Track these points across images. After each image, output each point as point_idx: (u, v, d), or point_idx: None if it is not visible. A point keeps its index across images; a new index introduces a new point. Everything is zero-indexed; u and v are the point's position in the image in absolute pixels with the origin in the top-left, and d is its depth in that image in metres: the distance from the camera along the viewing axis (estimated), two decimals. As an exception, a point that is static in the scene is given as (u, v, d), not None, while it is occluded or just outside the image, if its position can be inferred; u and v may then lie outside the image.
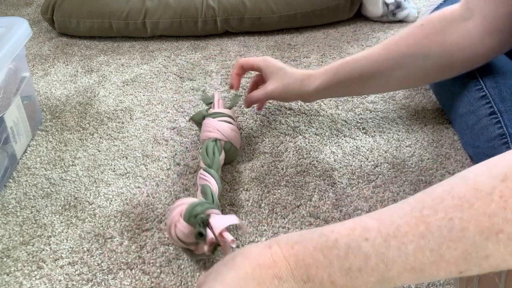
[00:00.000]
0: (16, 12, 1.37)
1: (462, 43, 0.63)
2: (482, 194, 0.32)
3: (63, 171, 0.76)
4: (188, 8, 1.12)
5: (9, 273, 0.60)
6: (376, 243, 0.34)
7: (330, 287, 0.35)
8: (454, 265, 0.32)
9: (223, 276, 0.38)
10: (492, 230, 0.31)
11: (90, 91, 0.96)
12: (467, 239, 0.31)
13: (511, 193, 0.31)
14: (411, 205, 0.35)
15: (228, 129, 0.71)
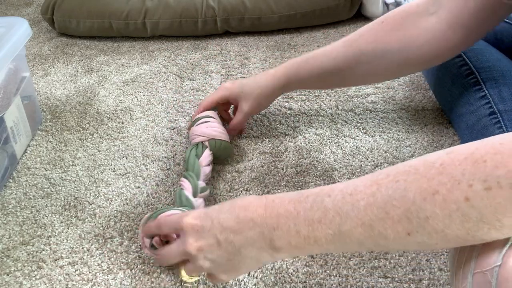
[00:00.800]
0: (16, 12, 1.37)
1: (422, 38, 0.62)
2: (427, 163, 0.37)
3: (63, 171, 0.76)
4: (188, 8, 1.12)
5: (9, 273, 0.60)
6: (336, 199, 0.39)
7: (295, 236, 0.41)
8: (399, 224, 0.36)
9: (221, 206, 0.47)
10: (428, 191, 0.35)
11: (90, 91, 0.96)
12: (408, 198, 0.36)
13: (451, 161, 0.35)
14: (372, 175, 0.40)
15: (205, 129, 0.71)
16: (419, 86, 0.90)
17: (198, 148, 0.70)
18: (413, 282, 0.55)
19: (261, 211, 0.43)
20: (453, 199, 0.34)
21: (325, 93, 0.90)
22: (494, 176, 0.33)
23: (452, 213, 0.34)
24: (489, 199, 0.33)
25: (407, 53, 0.64)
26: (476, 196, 0.34)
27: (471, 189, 0.34)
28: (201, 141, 0.71)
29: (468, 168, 0.34)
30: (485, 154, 0.34)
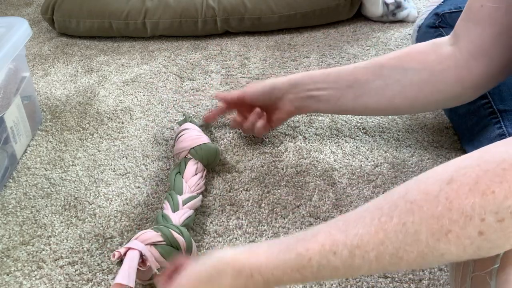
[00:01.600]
0: (16, 12, 1.37)
1: (445, 63, 0.61)
2: (430, 197, 0.35)
3: (63, 171, 0.76)
4: (188, 8, 1.12)
5: (9, 273, 0.60)
6: (343, 256, 0.37)
7: None
8: (415, 264, 0.36)
9: None
10: (441, 231, 0.34)
11: (90, 91, 0.96)
12: (421, 241, 0.34)
13: (455, 194, 0.34)
14: (371, 214, 0.37)
15: (181, 144, 0.71)
16: (419, 86, 0.90)
17: (181, 165, 0.70)
18: (413, 282, 0.55)
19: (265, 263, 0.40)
20: (467, 235, 0.34)
21: (325, 93, 0.90)
22: (505, 207, 0.33)
23: (467, 248, 0.34)
24: (502, 230, 0.33)
25: (429, 75, 0.62)
26: (489, 229, 0.33)
27: (484, 223, 0.33)
28: (184, 156, 0.71)
29: (477, 202, 0.33)
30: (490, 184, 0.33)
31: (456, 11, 0.82)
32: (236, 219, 0.65)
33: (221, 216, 0.66)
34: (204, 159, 0.70)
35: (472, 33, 0.59)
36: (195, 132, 0.73)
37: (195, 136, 0.72)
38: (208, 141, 0.72)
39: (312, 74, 0.70)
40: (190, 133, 0.73)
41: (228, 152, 0.77)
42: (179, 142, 0.72)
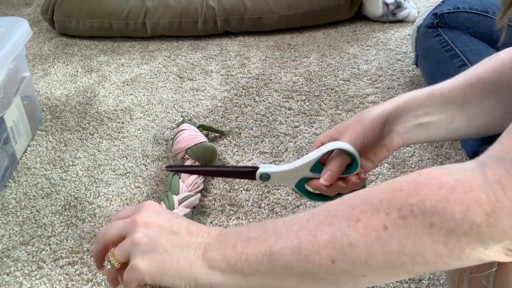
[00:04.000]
0: (16, 12, 1.37)
1: None
2: (356, 194, 0.39)
3: (63, 171, 0.76)
4: (188, 8, 1.12)
5: (9, 273, 0.60)
6: (277, 223, 0.41)
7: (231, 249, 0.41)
8: (325, 249, 0.37)
9: None
10: (352, 218, 0.37)
11: (90, 91, 0.96)
12: (335, 224, 0.37)
13: (374, 192, 0.37)
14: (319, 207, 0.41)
15: (178, 145, 0.72)
16: (419, 86, 0.90)
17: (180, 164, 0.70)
18: (413, 282, 0.55)
19: (220, 230, 0.44)
20: (373, 227, 0.35)
21: (325, 93, 0.90)
22: (407, 205, 0.34)
23: (373, 242, 0.35)
24: (406, 228, 0.34)
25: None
26: (393, 225, 0.34)
27: (388, 218, 0.35)
28: (181, 157, 0.71)
29: (386, 197, 0.35)
30: (403, 183, 0.35)
31: (455, 12, 0.82)
32: (236, 219, 0.65)
33: (221, 216, 0.66)
34: (201, 158, 0.70)
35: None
36: (191, 132, 0.73)
37: (191, 136, 0.72)
38: (204, 140, 0.72)
39: (417, 96, 0.57)
40: (186, 134, 0.73)
41: (228, 152, 0.77)
42: (176, 143, 0.72)
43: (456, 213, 0.32)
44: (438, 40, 0.82)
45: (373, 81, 0.93)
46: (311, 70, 0.98)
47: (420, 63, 0.90)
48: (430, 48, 0.83)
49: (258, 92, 0.92)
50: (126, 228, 0.45)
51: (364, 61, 1.00)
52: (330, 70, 0.97)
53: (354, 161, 0.52)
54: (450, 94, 0.58)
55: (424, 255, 0.34)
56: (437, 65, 0.81)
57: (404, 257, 0.34)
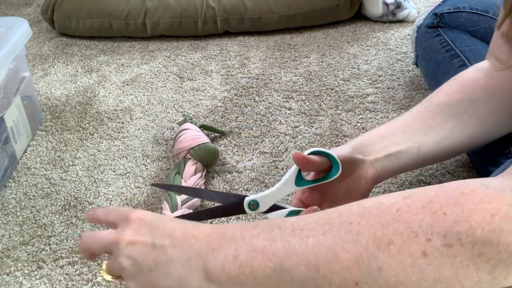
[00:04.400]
0: (16, 12, 1.37)
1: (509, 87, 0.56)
2: (382, 206, 0.34)
3: (63, 171, 0.76)
4: (188, 8, 1.12)
5: (9, 273, 0.60)
6: (285, 232, 0.36)
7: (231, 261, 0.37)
8: (348, 271, 0.33)
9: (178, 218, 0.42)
10: (383, 240, 0.32)
11: (90, 91, 0.96)
12: (361, 243, 0.33)
13: (407, 208, 0.33)
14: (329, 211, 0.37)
15: (180, 144, 0.71)
16: (419, 86, 0.90)
17: (180, 165, 0.70)
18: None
19: (209, 232, 0.40)
20: (409, 252, 0.32)
21: (325, 93, 0.90)
22: (455, 232, 0.31)
23: (408, 268, 0.32)
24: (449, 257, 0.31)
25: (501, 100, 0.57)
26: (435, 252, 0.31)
27: (430, 244, 0.31)
28: (183, 156, 0.71)
29: (426, 220, 0.32)
30: (445, 204, 0.32)
31: (455, 11, 0.82)
32: (236, 219, 0.65)
33: (221, 216, 0.66)
34: (204, 159, 0.70)
35: None
36: (194, 132, 0.73)
37: (194, 136, 0.72)
38: (207, 141, 0.72)
39: (379, 130, 0.59)
40: (189, 134, 0.73)
41: (228, 152, 0.77)
42: (178, 142, 0.72)
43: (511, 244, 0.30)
44: (438, 40, 0.82)
45: (373, 81, 0.93)
46: (311, 70, 0.98)
47: (420, 63, 0.90)
48: (430, 48, 0.83)
49: (258, 92, 0.92)
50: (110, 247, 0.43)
51: (364, 61, 1.00)
52: (330, 70, 0.97)
53: (334, 163, 0.52)
54: (412, 123, 0.58)
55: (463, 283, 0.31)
56: (437, 65, 0.81)
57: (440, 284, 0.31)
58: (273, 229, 0.37)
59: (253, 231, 0.38)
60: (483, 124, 0.58)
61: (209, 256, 0.38)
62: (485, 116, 0.58)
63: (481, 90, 0.57)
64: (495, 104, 0.57)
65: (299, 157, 0.51)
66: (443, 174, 0.70)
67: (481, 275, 0.31)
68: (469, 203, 0.31)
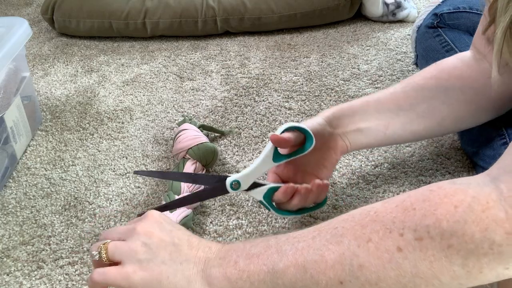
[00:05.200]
0: (16, 12, 1.37)
1: (482, 79, 0.58)
2: (364, 211, 0.37)
3: (63, 171, 0.76)
4: (188, 8, 1.12)
5: (9, 273, 0.60)
6: (280, 240, 0.40)
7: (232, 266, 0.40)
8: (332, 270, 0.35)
9: None
10: (362, 238, 0.35)
11: (90, 91, 0.96)
12: (343, 243, 0.36)
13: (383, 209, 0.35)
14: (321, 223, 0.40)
15: (179, 144, 0.71)
16: (419, 86, 0.90)
17: (179, 165, 0.70)
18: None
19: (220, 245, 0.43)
20: (386, 248, 0.34)
21: (325, 93, 0.90)
22: (424, 226, 0.32)
23: (386, 264, 0.33)
24: (422, 250, 0.32)
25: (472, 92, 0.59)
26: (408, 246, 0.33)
27: (403, 239, 0.33)
28: (182, 156, 0.71)
29: (398, 216, 0.34)
30: (415, 201, 0.34)
31: (455, 12, 0.82)
32: (236, 219, 0.65)
33: (221, 216, 0.66)
34: (203, 158, 0.70)
35: None
36: (193, 132, 0.73)
37: (193, 136, 0.72)
38: (206, 141, 0.72)
39: (352, 105, 0.61)
40: (188, 134, 0.73)
41: (228, 152, 0.77)
42: (177, 143, 0.72)
43: (475, 234, 0.31)
44: (438, 40, 0.82)
45: (373, 81, 0.93)
46: (311, 70, 0.98)
47: (420, 63, 0.90)
48: (430, 48, 0.83)
49: (258, 92, 0.92)
50: (127, 233, 0.44)
51: (364, 61, 1.00)
52: (330, 70, 0.97)
53: (308, 137, 0.55)
54: (385, 101, 0.60)
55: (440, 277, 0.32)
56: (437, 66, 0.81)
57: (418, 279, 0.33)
58: (269, 239, 0.41)
59: (254, 242, 0.41)
60: (453, 112, 0.60)
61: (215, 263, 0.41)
62: (456, 104, 0.59)
63: (456, 79, 0.59)
64: (467, 94, 0.59)
65: (276, 139, 0.53)
66: (443, 174, 0.70)
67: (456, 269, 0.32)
68: (436, 198, 0.33)
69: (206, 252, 0.42)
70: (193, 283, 0.40)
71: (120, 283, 0.41)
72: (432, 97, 0.59)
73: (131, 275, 0.40)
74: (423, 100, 0.59)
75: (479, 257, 0.31)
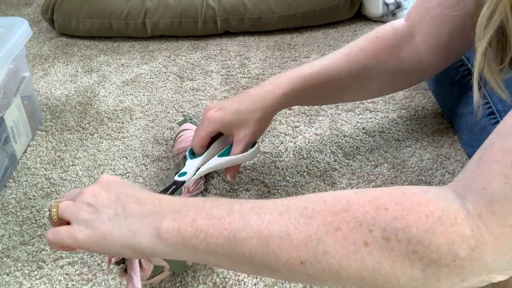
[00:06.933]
0: (16, 12, 1.37)
1: (414, 58, 0.63)
2: (336, 198, 0.37)
3: (63, 171, 0.76)
4: (188, 8, 1.12)
5: (9, 273, 0.60)
6: (245, 207, 0.39)
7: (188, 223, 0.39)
8: (296, 249, 0.36)
9: None
10: (332, 225, 0.35)
11: (90, 91, 0.96)
12: (312, 226, 0.36)
13: (356, 200, 0.36)
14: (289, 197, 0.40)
15: (181, 144, 0.72)
16: (419, 86, 0.90)
17: (180, 165, 0.70)
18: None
19: (173, 199, 0.42)
20: (353, 240, 0.34)
21: (325, 93, 0.90)
22: (393, 228, 0.33)
23: (351, 255, 0.34)
24: (387, 250, 0.33)
25: (402, 71, 0.64)
26: (375, 243, 0.34)
27: (371, 235, 0.34)
28: (183, 156, 0.71)
29: (370, 212, 0.35)
30: (388, 201, 0.35)
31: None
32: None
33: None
34: None
35: (428, 29, 0.61)
36: (188, 133, 0.73)
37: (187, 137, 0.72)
38: None
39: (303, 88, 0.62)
40: (189, 134, 0.73)
41: (228, 152, 0.77)
42: (178, 142, 0.72)
43: (441, 246, 0.32)
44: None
45: (373, 81, 0.93)
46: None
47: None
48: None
49: (258, 92, 0.92)
50: (76, 195, 0.45)
51: (364, 61, 1.00)
52: (330, 70, 0.97)
53: None
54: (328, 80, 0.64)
55: (399, 277, 0.34)
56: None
57: (378, 275, 0.34)
58: (233, 203, 0.40)
59: (215, 202, 0.40)
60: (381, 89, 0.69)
61: (168, 215, 0.40)
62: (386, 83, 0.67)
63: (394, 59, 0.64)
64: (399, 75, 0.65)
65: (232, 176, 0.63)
66: (443, 174, 0.70)
67: (415, 273, 0.33)
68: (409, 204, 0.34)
69: (155, 205, 0.41)
70: (138, 236, 0.40)
71: (68, 242, 0.42)
72: (369, 77, 0.64)
73: (77, 234, 0.42)
74: (360, 81, 0.64)
75: (440, 267, 0.33)
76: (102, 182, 0.45)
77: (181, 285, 0.57)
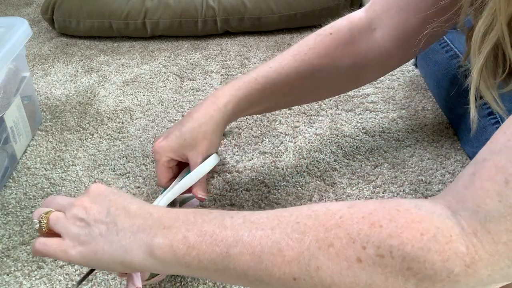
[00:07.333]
0: (16, 12, 1.37)
1: (371, 54, 0.61)
2: (329, 212, 0.37)
3: (63, 171, 0.76)
4: (188, 8, 1.12)
5: (9, 273, 0.60)
6: (236, 222, 0.38)
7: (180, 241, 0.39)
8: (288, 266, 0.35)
9: None
10: (325, 241, 0.35)
11: (90, 91, 0.96)
12: (304, 242, 0.35)
13: (349, 217, 0.36)
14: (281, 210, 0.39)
15: None
16: (419, 86, 0.91)
17: None
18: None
19: (164, 212, 0.42)
20: (346, 256, 0.34)
21: (325, 93, 0.90)
22: (387, 245, 0.34)
23: (343, 271, 0.34)
24: (380, 266, 0.34)
25: (358, 68, 0.62)
26: (368, 260, 0.34)
27: (365, 252, 0.34)
28: None
29: (364, 229, 0.35)
30: (382, 218, 0.35)
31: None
32: (236, 219, 0.65)
33: (221, 216, 0.66)
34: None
35: (395, 20, 0.58)
36: None
37: None
38: None
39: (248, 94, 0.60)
40: None
41: (228, 152, 0.78)
42: None
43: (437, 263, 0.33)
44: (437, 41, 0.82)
45: (373, 81, 0.93)
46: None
47: (420, 63, 0.90)
48: (429, 49, 0.83)
49: (258, 92, 0.92)
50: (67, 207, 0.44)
51: (364, 61, 1.00)
52: (330, 70, 0.97)
53: None
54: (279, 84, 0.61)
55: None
56: (436, 65, 0.81)
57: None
58: (224, 218, 0.39)
59: (206, 217, 0.40)
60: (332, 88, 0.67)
61: (159, 232, 0.40)
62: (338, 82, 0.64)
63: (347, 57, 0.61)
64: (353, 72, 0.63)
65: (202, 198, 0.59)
66: (443, 174, 0.70)
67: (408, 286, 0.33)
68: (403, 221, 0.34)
69: (146, 219, 0.41)
70: (130, 253, 0.40)
71: (59, 256, 0.42)
72: (321, 77, 0.62)
73: (69, 250, 0.42)
74: (311, 82, 0.62)
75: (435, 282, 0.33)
76: (92, 195, 0.44)
77: (181, 285, 0.57)
